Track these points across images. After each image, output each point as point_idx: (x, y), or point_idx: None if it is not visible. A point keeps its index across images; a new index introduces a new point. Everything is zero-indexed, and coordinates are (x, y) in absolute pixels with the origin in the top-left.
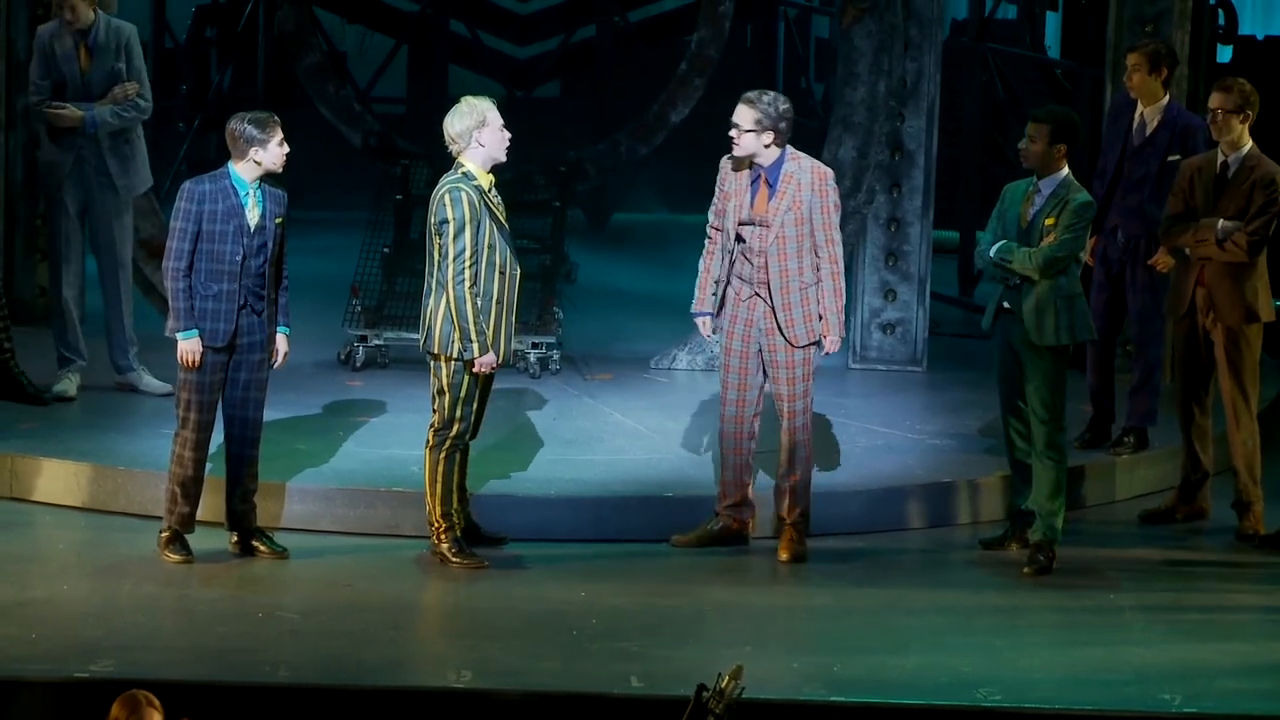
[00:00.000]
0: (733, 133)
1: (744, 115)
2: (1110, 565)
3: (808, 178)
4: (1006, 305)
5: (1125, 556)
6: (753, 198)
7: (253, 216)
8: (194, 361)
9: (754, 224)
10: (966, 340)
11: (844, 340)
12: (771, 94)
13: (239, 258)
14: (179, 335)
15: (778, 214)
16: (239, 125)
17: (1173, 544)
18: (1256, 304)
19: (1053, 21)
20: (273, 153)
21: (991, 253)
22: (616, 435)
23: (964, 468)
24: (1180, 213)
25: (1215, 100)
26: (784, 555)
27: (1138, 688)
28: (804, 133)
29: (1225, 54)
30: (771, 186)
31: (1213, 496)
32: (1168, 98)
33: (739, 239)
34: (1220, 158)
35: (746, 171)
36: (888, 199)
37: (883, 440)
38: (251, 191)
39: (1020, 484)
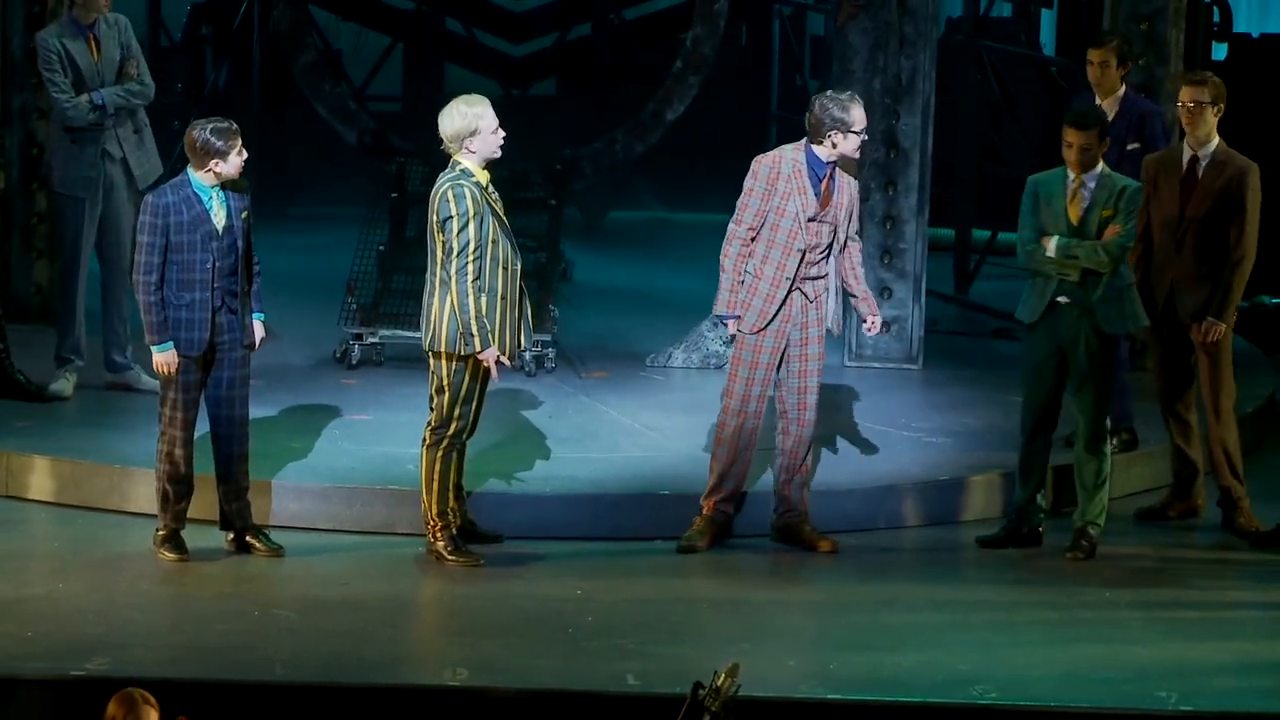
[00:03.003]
0: (863, 136)
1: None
2: (1106, 563)
3: (850, 177)
4: (1063, 300)
5: (1121, 554)
6: (818, 195)
7: (219, 220)
8: (170, 373)
9: (817, 220)
10: (962, 338)
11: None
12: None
13: (209, 265)
14: (153, 348)
15: (840, 209)
16: (200, 134)
17: (1168, 541)
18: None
19: (1048, 19)
20: (232, 164)
21: (1051, 251)
22: (612, 433)
23: (960, 465)
24: (1148, 220)
25: (1190, 94)
26: (828, 546)
27: (1135, 685)
28: (799, 129)
29: (1220, 51)
30: (833, 183)
31: (1207, 493)
32: (1124, 88)
33: (800, 235)
34: (1188, 153)
35: (805, 170)
36: (883, 197)
37: (879, 438)
38: (214, 196)
39: (1023, 482)
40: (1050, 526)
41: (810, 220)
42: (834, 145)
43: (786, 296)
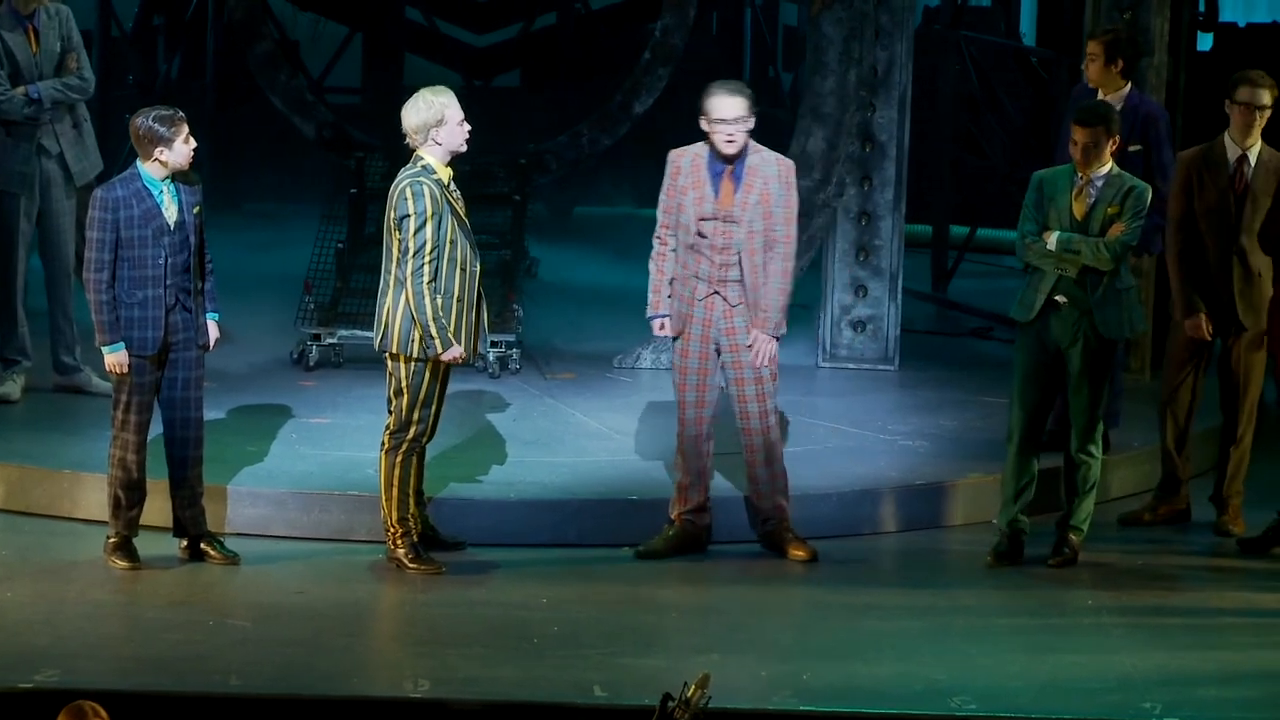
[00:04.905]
0: (732, 130)
1: (742, 106)
2: (1089, 569)
3: (774, 170)
4: (1061, 299)
5: (1104, 560)
6: (716, 191)
7: (171, 214)
8: (123, 374)
9: (718, 219)
10: (940, 338)
11: (780, 339)
12: (738, 80)
13: (161, 260)
14: (104, 349)
15: (746, 208)
16: (143, 122)
17: (1153, 547)
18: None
19: (1028, 8)
20: (179, 152)
21: (1051, 246)
22: (579, 436)
23: (937, 469)
24: (1184, 216)
25: (1264, 97)
26: (804, 554)
27: (1118, 695)
28: (773, 123)
29: (1206, 41)
30: (737, 179)
31: (1192, 499)
32: (1128, 86)
33: (699, 234)
34: (1234, 151)
35: (705, 164)
36: (858, 192)
37: (854, 441)
38: (165, 189)
39: (1012, 498)
40: (1030, 531)
41: (705, 218)
42: (709, 136)
43: (706, 298)
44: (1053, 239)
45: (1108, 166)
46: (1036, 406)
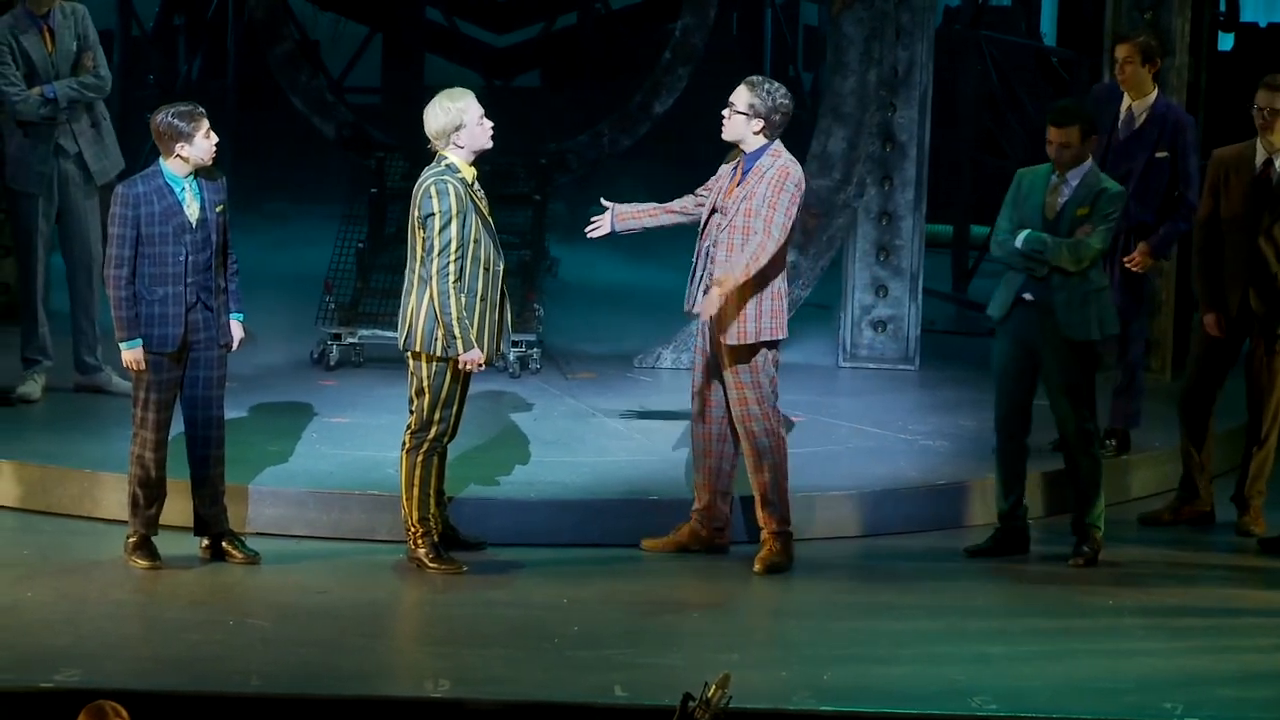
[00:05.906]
0: (725, 111)
1: (740, 96)
2: (1108, 568)
3: (771, 173)
4: (1028, 297)
5: (1124, 560)
6: (728, 184)
7: (192, 211)
8: (139, 370)
9: (719, 211)
10: (960, 337)
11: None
12: (776, 84)
13: (182, 258)
14: (121, 345)
15: (735, 202)
16: (163, 119)
17: (1173, 547)
18: None
19: (1049, 8)
20: (199, 146)
21: (1019, 243)
22: (599, 436)
23: (958, 470)
24: (1211, 214)
25: (1268, 99)
26: (757, 567)
27: (1138, 696)
28: (793, 123)
29: (1226, 41)
30: (744, 174)
31: (1215, 500)
32: (1156, 91)
33: (707, 227)
34: (1261, 155)
35: (734, 160)
36: (879, 192)
37: (874, 441)
38: (187, 186)
39: (1003, 490)
40: (1044, 532)
41: (714, 210)
42: None
43: (707, 295)
44: (1020, 237)
45: (1085, 165)
46: (1018, 404)
